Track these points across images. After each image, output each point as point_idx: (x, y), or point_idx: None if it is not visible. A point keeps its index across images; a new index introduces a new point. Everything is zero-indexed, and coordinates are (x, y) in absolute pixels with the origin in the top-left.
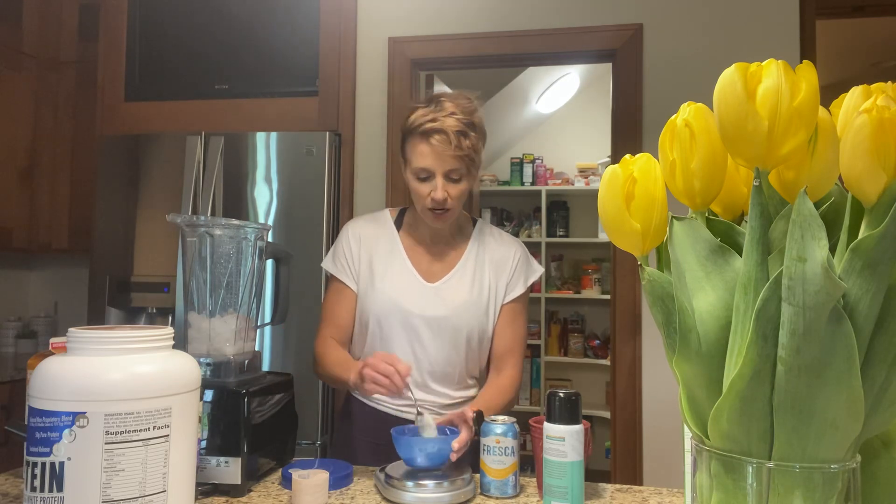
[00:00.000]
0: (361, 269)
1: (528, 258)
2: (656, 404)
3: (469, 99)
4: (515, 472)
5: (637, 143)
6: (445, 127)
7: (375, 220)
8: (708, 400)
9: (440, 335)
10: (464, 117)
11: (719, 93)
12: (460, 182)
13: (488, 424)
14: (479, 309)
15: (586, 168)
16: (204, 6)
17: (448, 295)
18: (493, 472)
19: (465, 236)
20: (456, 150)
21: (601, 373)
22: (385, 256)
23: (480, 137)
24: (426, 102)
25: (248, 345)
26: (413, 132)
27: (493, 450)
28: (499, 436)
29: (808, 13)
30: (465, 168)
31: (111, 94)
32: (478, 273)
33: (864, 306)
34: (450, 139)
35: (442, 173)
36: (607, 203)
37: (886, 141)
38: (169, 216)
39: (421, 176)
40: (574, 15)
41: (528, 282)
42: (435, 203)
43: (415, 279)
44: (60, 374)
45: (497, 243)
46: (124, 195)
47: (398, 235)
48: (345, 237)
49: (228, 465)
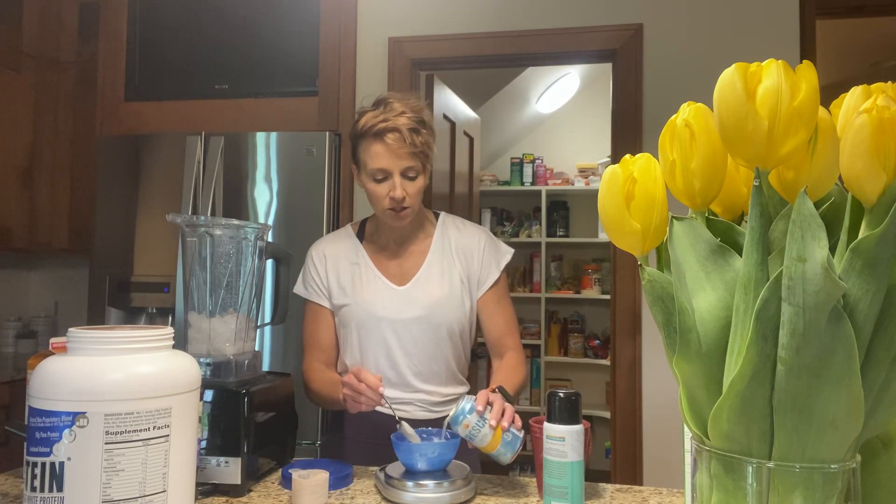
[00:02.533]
0: (331, 287)
1: (494, 242)
2: (656, 404)
3: (415, 99)
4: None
5: (637, 143)
6: (398, 125)
7: (337, 237)
8: (708, 400)
9: (420, 335)
10: (414, 115)
11: (719, 93)
12: (416, 179)
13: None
14: (454, 302)
15: (586, 168)
16: (204, 6)
17: (420, 295)
18: (484, 447)
19: (427, 233)
20: (411, 146)
21: (601, 373)
22: (352, 270)
23: (431, 134)
24: (373, 106)
25: (248, 345)
26: (365, 135)
27: (470, 435)
28: (465, 418)
29: (807, 13)
30: (420, 165)
31: (111, 94)
32: (446, 266)
33: (864, 306)
34: (403, 137)
35: (399, 171)
36: (607, 203)
37: (886, 141)
38: (169, 216)
39: (378, 177)
40: (574, 15)
41: (500, 265)
42: (394, 202)
43: (385, 286)
44: (60, 374)
45: (460, 233)
46: (124, 195)
47: (362, 246)
48: (310, 260)
49: (228, 465)
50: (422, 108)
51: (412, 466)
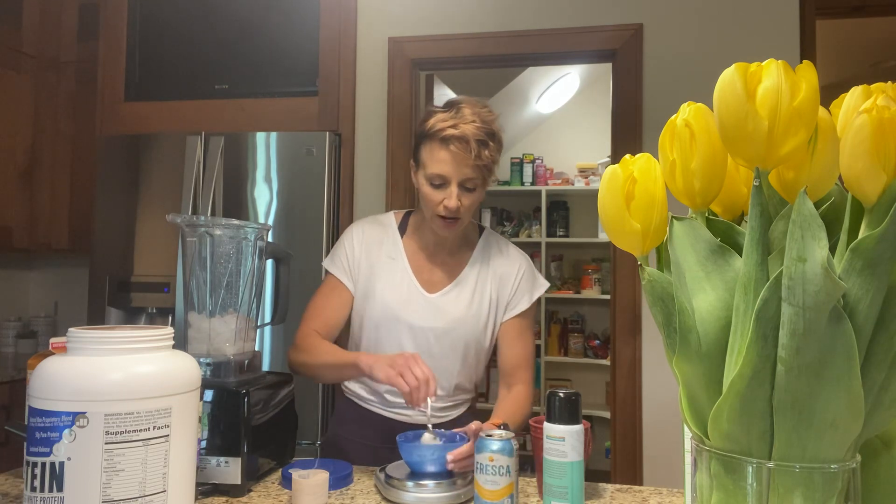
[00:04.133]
0: (361, 272)
1: (533, 273)
2: (656, 404)
3: (487, 108)
4: (511, 495)
5: (637, 143)
6: (467, 135)
7: (379, 223)
8: (708, 400)
9: (438, 347)
10: (484, 126)
11: (719, 93)
12: (474, 192)
13: (483, 440)
14: (479, 323)
15: (586, 168)
16: (204, 6)
17: (447, 307)
18: (485, 493)
19: (469, 246)
20: (476, 159)
21: (601, 373)
22: (386, 262)
23: (498, 148)
24: (445, 108)
25: (248, 345)
26: (431, 137)
27: (486, 468)
28: (494, 453)
29: (808, 13)
30: (480, 178)
31: (111, 94)
32: (479, 286)
33: (864, 306)
34: (470, 147)
35: (458, 181)
36: (607, 203)
37: (886, 141)
38: (169, 216)
39: (435, 182)
40: (574, 15)
41: (532, 297)
42: (447, 211)
43: (415, 289)
44: (60, 374)
45: (502, 257)
46: (124, 195)
47: (401, 240)
48: (348, 238)
49: (228, 465)
50: (493, 119)
51: (415, 466)
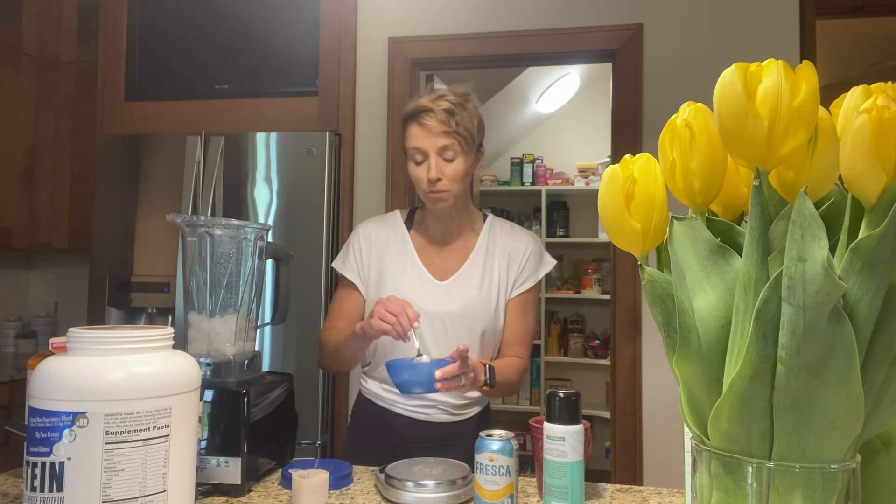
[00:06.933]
0: (371, 270)
1: (540, 251)
2: (656, 404)
3: (466, 88)
4: (511, 495)
5: (637, 143)
6: (434, 106)
7: (385, 220)
8: (708, 400)
9: (454, 331)
10: (455, 99)
11: (719, 93)
12: (454, 161)
13: (483, 440)
14: (490, 304)
15: (586, 168)
16: (204, 6)
17: (459, 292)
18: (485, 493)
19: (475, 231)
20: (445, 125)
21: (601, 373)
22: (396, 256)
23: (474, 117)
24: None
25: (248, 345)
26: (408, 119)
27: (486, 468)
28: (494, 453)
29: (808, 13)
30: (458, 146)
31: (111, 94)
32: (487, 268)
33: (864, 306)
34: (437, 116)
35: (434, 151)
36: (607, 203)
37: (886, 141)
38: (169, 216)
39: (417, 159)
40: (574, 15)
41: (538, 275)
42: (431, 185)
43: (426, 277)
44: (60, 374)
45: (509, 236)
46: (124, 195)
47: (408, 235)
48: (356, 238)
49: (228, 465)
50: (468, 95)
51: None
